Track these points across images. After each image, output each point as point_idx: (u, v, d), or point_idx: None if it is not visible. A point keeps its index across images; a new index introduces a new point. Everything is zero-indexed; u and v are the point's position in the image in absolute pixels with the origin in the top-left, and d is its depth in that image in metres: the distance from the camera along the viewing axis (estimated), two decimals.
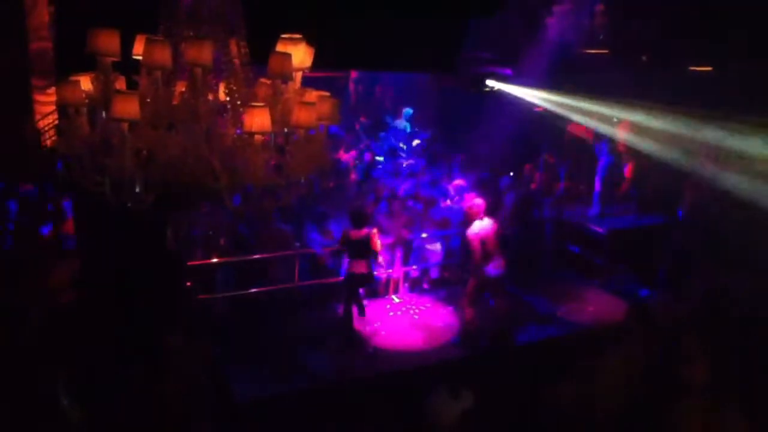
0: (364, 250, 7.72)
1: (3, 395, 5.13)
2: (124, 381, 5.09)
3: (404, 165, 11.24)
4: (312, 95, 4.09)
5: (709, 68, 10.43)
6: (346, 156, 11.12)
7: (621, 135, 10.66)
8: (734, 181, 8.89)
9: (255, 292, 8.12)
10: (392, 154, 11.75)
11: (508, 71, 11.09)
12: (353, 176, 10.70)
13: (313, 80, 4.35)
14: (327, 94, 4.16)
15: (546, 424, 5.67)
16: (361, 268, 7.75)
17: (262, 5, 4.60)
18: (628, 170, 10.59)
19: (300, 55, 4.00)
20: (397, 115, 12.81)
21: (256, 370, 7.03)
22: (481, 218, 7.98)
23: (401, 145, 11.98)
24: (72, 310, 5.95)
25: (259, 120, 3.62)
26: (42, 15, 9.03)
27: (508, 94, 11.23)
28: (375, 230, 7.84)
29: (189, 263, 7.49)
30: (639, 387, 5.74)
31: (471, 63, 10.57)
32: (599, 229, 9.97)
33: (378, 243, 7.82)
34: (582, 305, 9.09)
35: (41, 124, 8.30)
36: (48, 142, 7.70)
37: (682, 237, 9.42)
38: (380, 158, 11.66)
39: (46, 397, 4.99)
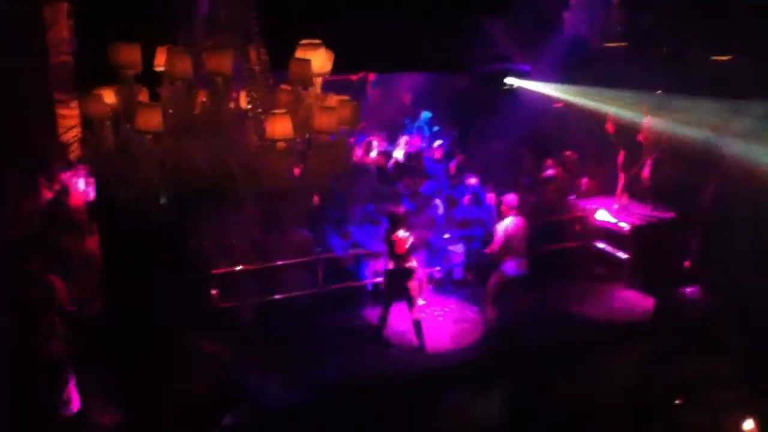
0: (403, 250, 7.82)
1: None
2: (139, 382, 5.15)
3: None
4: (333, 100, 4.08)
5: (729, 57, 10.28)
6: (368, 159, 11.09)
7: (644, 128, 10.51)
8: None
9: (278, 298, 8.16)
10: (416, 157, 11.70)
11: (527, 67, 11.01)
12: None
13: (327, 84, 4.35)
14: (347, 98, 4.16)
15: (567, 419, 5.65)
16: (401, 264, 7.80)
17: (278, 11, 4.61)
18: (648, 165, 10.46)
19: (320, 60, 4.00)
20: (415, 118, 12.80)
21: (281, 377, 7.04)
22: (514, 215, 7.96)
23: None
24: (97, 319, 6.03)
25: (281, 127, 3.63)
26: (62, 29, 9.13)
27: (528, 91, 11.15)
28: (409, 233, 7.87)
29: (213, 271, 7.54)
30: (659, 381, 5.71)
31: (488, 61, 10.51)
32: (622, 225, 9.86)
33: (406, 246, 7.84)
34: (606, 302, 9.01)
35: (65, 137, 8.40)
36: (72, 156, 7.79)
37: (706, 231, 9.29)
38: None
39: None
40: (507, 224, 7.91)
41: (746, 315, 7.02)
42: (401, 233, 7.77)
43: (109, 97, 3.94)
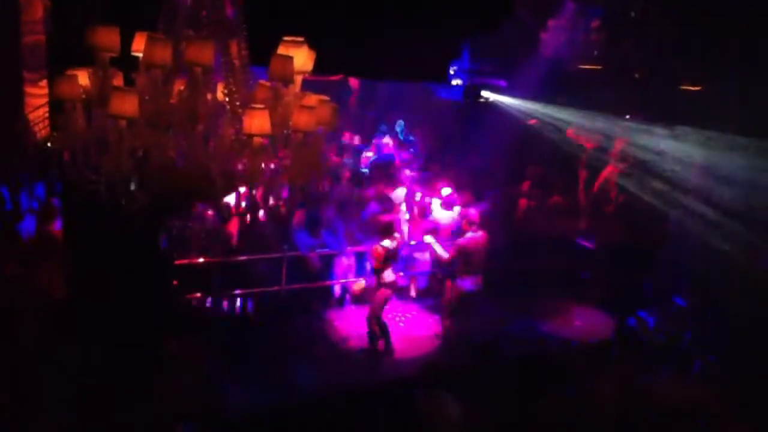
0: (393, 259, 7.80)
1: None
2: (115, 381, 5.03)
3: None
4: (312, 99, 4.06)
5: (699, 87, 10.54)
6: (337, 159, 11.09)
7: (614, 150, 10.73)
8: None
9: (240, 293, 8.06)
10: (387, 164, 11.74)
11: (503, 83, 11.15)
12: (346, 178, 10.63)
13: (309, 85, 4.33)
14: (326, 98, 4.14)
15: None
16: (392, 276, 7.79)
17: (262, 8, 4.58)
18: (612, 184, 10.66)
19: (302, 58, 3.98)
20: (390, 125, 12.86)
21: (243, 378, 6.95)
22: (474, 230, 7.99)
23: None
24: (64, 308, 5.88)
25: (258, 122, 3.60)
26: (37, 9, 8.97)
27: (502, 105, 11.29)
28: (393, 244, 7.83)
29: (177, 262, 7.41)
30: (623, 407, 5.75)
31: (467, 74, 10.61)
32: (588, 244, 10.01)
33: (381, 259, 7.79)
34: (569, 320, 9.11)
35: (32, 116, 8.21)
36: (38, 135, 7.61)
37: (670, 254, 9.48)
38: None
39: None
40: (465, 238, 7.97)
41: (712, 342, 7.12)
42: (384, 243, 7.68)
43: (82, 78, 3.86)
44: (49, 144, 4.27)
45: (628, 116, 10.94)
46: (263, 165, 3.76)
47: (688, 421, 5.19)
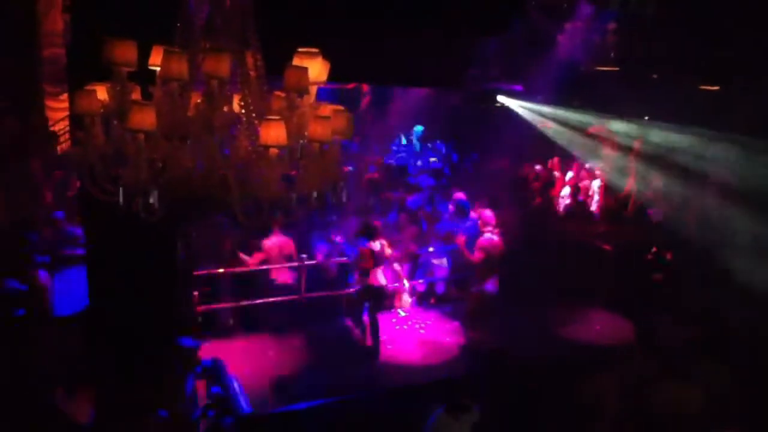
0: (379, 262, 7.76)
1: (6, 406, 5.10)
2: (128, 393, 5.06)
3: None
4: (327, 109, 4.07)
5: (717, 87, 10.45)
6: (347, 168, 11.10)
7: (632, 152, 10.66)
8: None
9: (259, 303, 8.09)
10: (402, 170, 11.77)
11: (518, 87, 11.11)
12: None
13: (323, 92, 4.35)
14: (341, 108, 4.15)
15: None
16: (377, 280, 7.73)
17: (276, 18, 4.61)
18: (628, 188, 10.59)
19: (316, 68, 3.99)
20: (408, 132, 12.86)
21: (259, 384, 6.97)
22: (490, 231, 7.95)
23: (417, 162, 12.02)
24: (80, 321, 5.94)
25: (275, 133, 3.61)
26: (56, 21, 9.09)
27: (518, 110, 11.26)
28: (385, 241, 7.87)
29: (195, 273, 7.47)
30: (639, 409, 5.69)
31: (481, 79, 10.59)
32: (605, 246, 9.91)
33: (388, 252, 7.88)
34: (586, 324, 9.03)
35: (54, 129, 8.32)
36: (60, 148, 7.71)
37: (678, 256, 9.36)
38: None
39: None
40: (485, 238, 7.93)
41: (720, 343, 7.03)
42: (375, 245, 7.69)
43: (101, 93, 3.91)
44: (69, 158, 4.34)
45: (646, 117, 10.88)
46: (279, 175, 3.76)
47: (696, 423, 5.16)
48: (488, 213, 8.15)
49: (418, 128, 12.81)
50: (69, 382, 4.84)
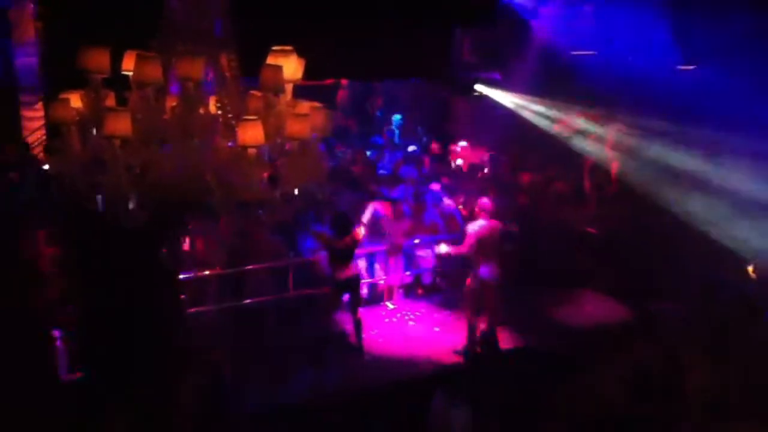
0: (349, 255, 7.63)
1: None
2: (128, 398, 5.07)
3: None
4: (304, 107, 4.09)
5: (693, 66, 10.51)
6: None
7: (610, 135, 10.73)
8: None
9: (248, 303, 8.07)
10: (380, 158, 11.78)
11: (497, 75, 11.13)
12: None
13: (300, 89, 4.34)
14: (319, 105, 4.16)
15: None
16: (347, 272, 7.64)
17: (252, 18, 4.60)
18: (614, 170, 10.66)
19: (291, 66, 4.00)
20: (387, 122, 12.86)
21: (252, 383, 6.96)
22: (485, 217, 7.90)
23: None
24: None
25: (252, 133, 3.62)
26: (29, 31, 8.98)
27: (496, 99, 11.29)
28: (358, 230, 7.71)
29: (181, 277, 7.44)
30: (637, 393, 5.73)
31: (460, 68, 10.60)
32: (592, 230, 9.97)
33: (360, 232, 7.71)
34: (577, 308, 9.09)
35: (30, 140, 8.23)
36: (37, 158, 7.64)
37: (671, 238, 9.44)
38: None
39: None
40: (478, 226, 7.86)
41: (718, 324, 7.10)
42: (349, 238, 7.52)
43: (75, 101, 3.89)
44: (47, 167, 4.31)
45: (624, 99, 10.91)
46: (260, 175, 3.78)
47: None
48: (485, 200, 8.12)
49: (396, 117, 12.82)
50: None
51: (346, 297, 7.83)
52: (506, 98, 11.37)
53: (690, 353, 6.02)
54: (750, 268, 8.20)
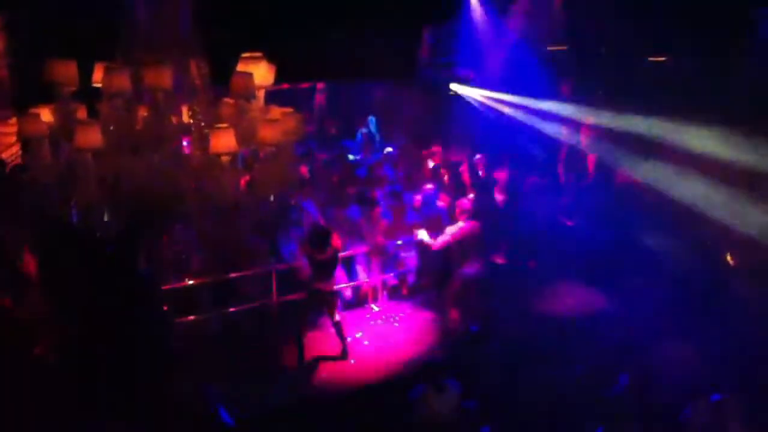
0: (331, 267, 7.51)
1: None
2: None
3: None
4: (276, 112, 4.11)
5: (663, 58, 10.63)
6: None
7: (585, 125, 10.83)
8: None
9: (233, 311, 8.03)
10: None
11: (469, 73, 11.20)
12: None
13: (275, 93, 4.37)
14: (291, 110, 4.19)
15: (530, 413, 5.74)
16: (327, 285, 7.54)
17: (220, 25, 4.60)
18: (590, 161, 10.76)
19: (262, 72, 4.02)
20: (363, 124, 12.88)
21: (240, 389, 6.94)
22: (464, 219, 8.00)
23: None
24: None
25: (224, 141, 3.64)
26: None
27: (470, 97, 11.35)
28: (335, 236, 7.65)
29: (164, 287, 7.38)
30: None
31: (432, 68, 10.65)
32: (568, 222, 10.05)
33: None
34: (557, 298, 9.14)
35: (4, 155, 8.13)
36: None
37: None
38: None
39: None
40: (455, 228, 7.98)
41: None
42: (330, 252, 7.32)
43: (46, 115, 3.88)
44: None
45: (599, 92, 11.02)
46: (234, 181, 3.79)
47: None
48: (465, 201, 8.22)
49: (371, 119, 12.85)
50: None
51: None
52: (480, 95, 11.43)
53: None
54: (728, 256, 8.35)
